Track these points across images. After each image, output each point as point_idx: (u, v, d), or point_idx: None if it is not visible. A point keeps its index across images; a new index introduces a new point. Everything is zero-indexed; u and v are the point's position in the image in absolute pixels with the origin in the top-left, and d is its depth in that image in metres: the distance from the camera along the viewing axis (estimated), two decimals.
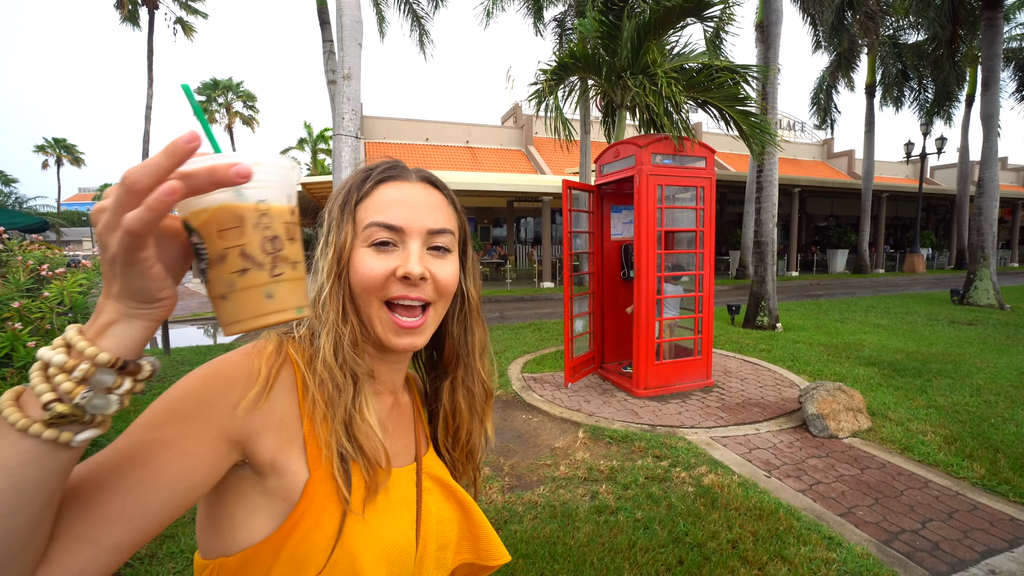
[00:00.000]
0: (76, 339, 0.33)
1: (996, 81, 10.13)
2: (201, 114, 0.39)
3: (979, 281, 9.91)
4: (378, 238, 0.55)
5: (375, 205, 0.56)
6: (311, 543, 0.47)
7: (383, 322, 0.55)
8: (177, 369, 5.35)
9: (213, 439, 0.44)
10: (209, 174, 0.32)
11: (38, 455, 0.31)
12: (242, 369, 0.48)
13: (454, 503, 0.63)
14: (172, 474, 0.41)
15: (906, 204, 24.23)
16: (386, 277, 0.54)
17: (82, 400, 0.32)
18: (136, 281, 0.33)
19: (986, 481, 2.92)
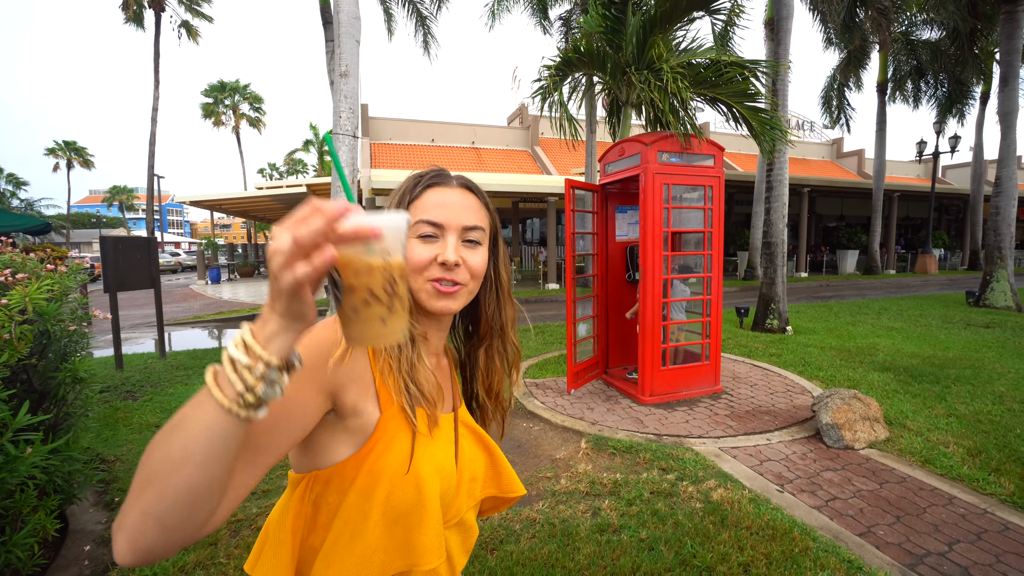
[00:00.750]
0: (253, 344, 0.43)
1: (1015, 77, 9.85)
2: (339, 166, 0.49)
3: (996, 283, 9.63)
4: (424, 232, 0.69)
5: (423, 206, 0.71)
6: (385, 460, 0.64)
7: (427, 292, 0.69)
8: (172, 373, 5.26)
9: (316, 391, 0.59)
10: (354, 235, 0.41)
11: (232, 424, 0.44)
12: (329, 338, 0.61)
13: (481, 446, 0.80)
14: (295, 418, 0.57)
15: (917, 204, 23.82)
16: (429, 262, 0.68)
17: (261, 391, 0.44)
18: (296, 306, 0.43)
19: (1016, 498, 2.73)
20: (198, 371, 5.36)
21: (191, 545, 2.22)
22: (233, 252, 22.88)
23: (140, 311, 11.09)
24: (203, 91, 32.77)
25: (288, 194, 16.50)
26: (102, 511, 2.62)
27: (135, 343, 7.49)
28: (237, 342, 0.44)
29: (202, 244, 18.83)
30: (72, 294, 2.42)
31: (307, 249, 0.39)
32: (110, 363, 5.49)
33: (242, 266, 20.29)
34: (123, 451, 3.33)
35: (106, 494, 2.78)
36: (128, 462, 3.16)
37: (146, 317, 10.17)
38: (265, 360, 0.43)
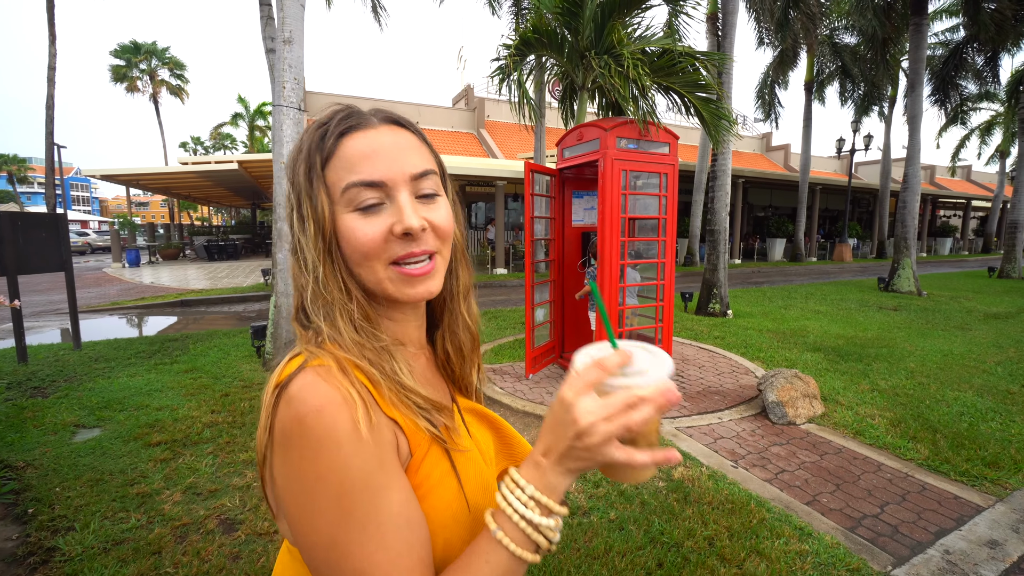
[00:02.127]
0: (553, 504, 0.45)
1: (921, 83, 10.86)
2: (604, 310, 0.49)
3: (902, 270, 10.71)
4: (363, 200, 0.51)
5: (345, 163, 0.52)
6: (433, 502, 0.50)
7: (393, 280, 0.53)
8: (90, 366, 4.72)
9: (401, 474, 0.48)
10: (660, 396, 0.43)
11: (520, 567, 0.45)
12: (336, 401, 0.45)
13: (487, 425, 0.67)
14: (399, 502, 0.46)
15: (836, 197, 25.95)
16: (384, 238, 0.51)
17: (557, 538, 0.45)
18: (587, 469, 0.45)
19: (930, 461, 3.06)
20: (121, 362, 4.85)
21: (130, 557, 2.00)
22: (154, 232, 20.92)
23: (43, 297, 9.89)
24: (113, 52, 29.33)
25: (218, 171, 15.24)
26: (12, 525, 2.30)
27: (39, 332, 6.67)
28: (527, 502, 0.45)
29: (116, 223, 17.03)
30: None
31: (634, 432, 0.43)
32: (10, 356, 4.84)
33: (165, 248, 18.60)
34: (34, 455, 2.94)
35: (16, 506, 2.44)
36: (42, 467, 2.79)
37: (51, 304, 9.09)
38: (560, 514, 0.45)
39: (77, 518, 2.32)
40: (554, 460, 0.44)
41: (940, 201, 28.86)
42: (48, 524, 2.28)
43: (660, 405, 0.42)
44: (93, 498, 2.48)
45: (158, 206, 61.96)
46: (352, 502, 0.43)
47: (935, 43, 18.38)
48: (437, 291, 0.56)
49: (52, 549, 2.11)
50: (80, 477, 2.68)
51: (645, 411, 0.42)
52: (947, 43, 17.62)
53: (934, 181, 33.03)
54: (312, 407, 0.43)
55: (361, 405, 0.45)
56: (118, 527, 2.25)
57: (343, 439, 0.43)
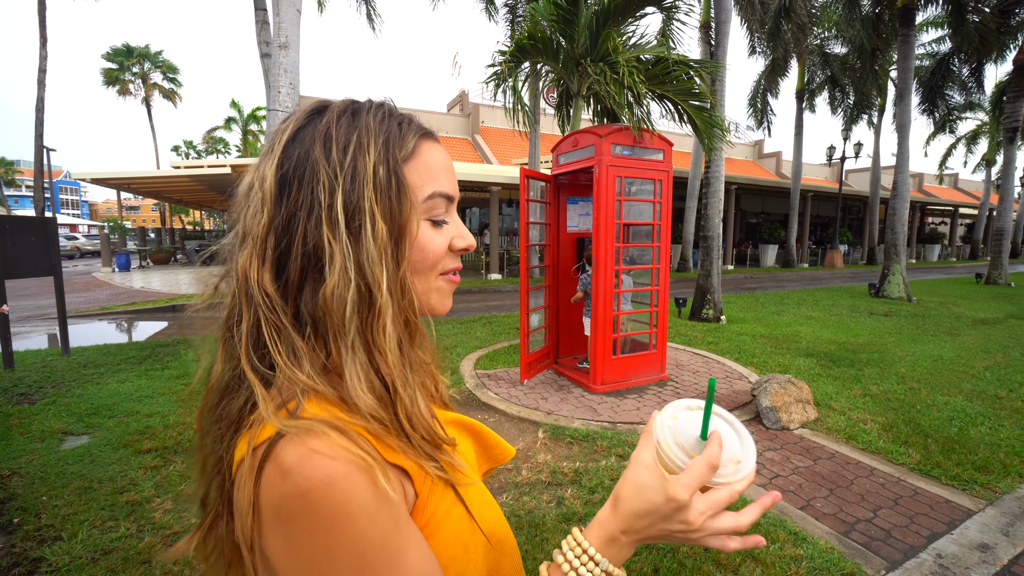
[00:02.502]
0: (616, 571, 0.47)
1: (909, 93, 11.04)
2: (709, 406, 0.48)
3: (892, 276, 10.84)
4: (439, 212, 0.50)
5: (427, 169, 0.49)
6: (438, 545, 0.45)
7: (439, 289, 0.52)
8: (79, 372, 4.66)
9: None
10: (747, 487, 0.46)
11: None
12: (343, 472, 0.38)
13: (465, 431, 0.64)
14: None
15: (826, 204, 26.25)
16: (445, 251, 0.51)
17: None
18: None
19: (922, 466, 3.08)
20: (111, 368, 4.79)
21: (119, 566, 1.97)
22: (145, 237, 20.72)
23: (31, 301, 9.76)
24: (105, 55, 29.16)
25: (210, 175, 15.15)
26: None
27: (25, 338, 6.56)
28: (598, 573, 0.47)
29: (106, 227, 16.85)
30: None
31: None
32: None
33: (156, 252, 18.42)
34: (20, 463, 2.89)
35: (2, 515, 2.39)
36: (28, 475, 2.74)
37: (38, 308, 8.96)
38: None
39: (64, 527, 2.27)
40: (635, 539, 0.47)
41: (928, 208, 29.29)
42: (34, 534, 2.24)
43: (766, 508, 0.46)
44: (81, 507, 2.44)
45: (149, 210, 61.43)
46: (371, 573, 0.39)
47: (923, 54, 18.75)
48: None
49: (38, 560, 2.07)
50: (68, 485, 2.64)
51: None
52: (934, 54, 17.98)
53: (922, 189, 33.54)
54: (318, 481, 0.37)
55: (378, 469, 0.39)
56: (107, 536, 2.21)
57: (357, 512, 0.38)
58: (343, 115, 0.47)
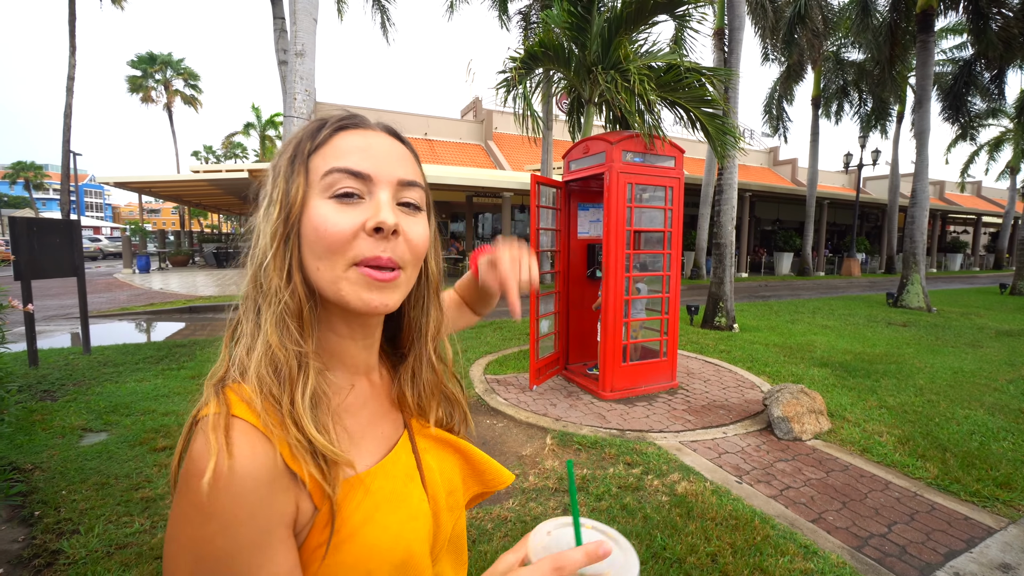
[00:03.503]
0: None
1: (928, 100, 10.85)
2: (575, 498, 0.45)
3: (911, 285, 10.62)
4: (342, 187, 0.48)
5: (334, 152, 0.49)
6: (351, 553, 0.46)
7: (352, 281, 0.48)
8: (99, 370, 4.77)
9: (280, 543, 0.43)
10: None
11: None
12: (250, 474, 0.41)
13: (450, 450, 0.63)
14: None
15: (843, 211, 25.85)
16: (354, 232, 0.47)
17: None
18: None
19: (939, 481, 3.01)
20: (129, 367, 4.90)
21: (133, 561, 2.01)
22: (164, 239, 21.19)
23: (55, 301, 10.03)
24: (130, 62, 30.01)
25: (228, 179, 15.46)
26: (19, 527, 2.32)
27: (50, 336, 6.75)
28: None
29: (128, 229, 17.29)
30: None
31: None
32: (22, 359, 4.90)
33: (174, 254, 18.83)
34: (42, 458, 2.97)
35: (23, 508, 2.46)
36: (49, 470, 2.82)
37: (62, 308, 9.21)
38: None
39: (82, 521, 2.33)
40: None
41: (950, 217, 28.68)
42: (54, 527, 2.30)
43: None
44: (98, 502, 2.50)
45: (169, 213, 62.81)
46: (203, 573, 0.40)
47: (943, 60, 18.43)
48: (394, 307, 0.51)
49: (57, 552, 2.13)
50: (86, 480, 2.71)
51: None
52: (956, 60, 17.65)
53: (943, 196, 32.85)
54: (197, 471, 0.40)
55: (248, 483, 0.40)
56: (122, 531, 2.26)
57: (220, 510, 0.39)
58: (303, 127, 0.53)
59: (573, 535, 0.44)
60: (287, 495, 0.43)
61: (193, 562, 0.40)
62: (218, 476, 0.40)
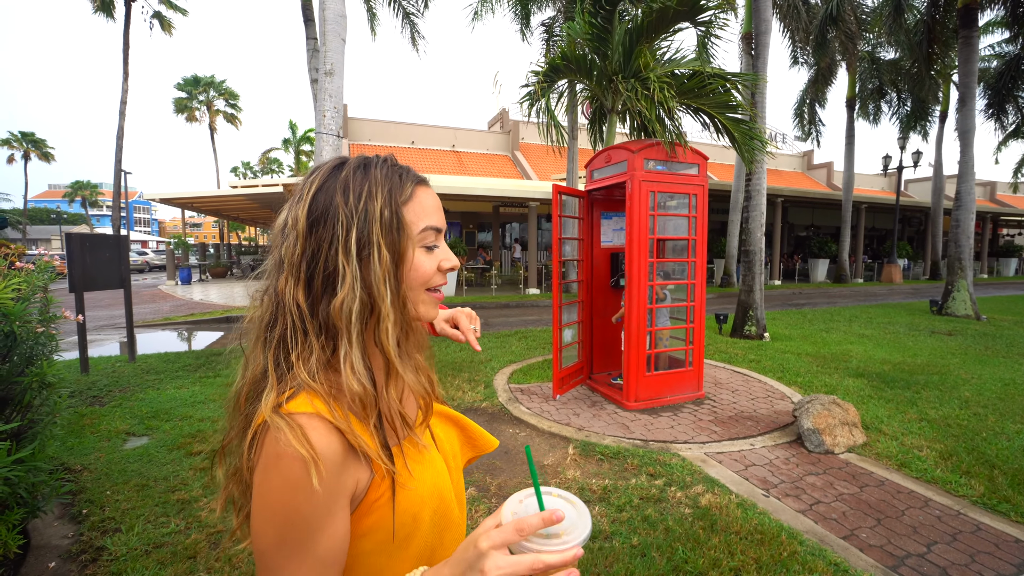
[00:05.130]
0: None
1: (972, 98, 10.36)
2: (535, 475, 0.53)
3: (957, 292, 10.08)
4: (430, 241, 0.64)
5: (421, 209, 0.64)
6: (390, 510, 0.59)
7: (426, 302, 0.65)
8: (142, 378, 5.04)
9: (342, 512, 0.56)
10: (563, 564, 0.46)
11: None
12: (306, 457, 0.52)
13: (450, 422, 0.78)
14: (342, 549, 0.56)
15: (883, 216, 24.82)
16: (435, 272, 0.65)
17: None
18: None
19: (986, 499, 2.84)
20: (170, 375, 5.15)
21: (168, 560, 2.12)
22: (205, 252, 22.18)
23: (105, 312, 10.62)
24: (176, 85, 31.79)
25: (264, 194, 16.11)
26: (68, 524, 2.48)
27: (100, 345, 7.16)
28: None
29: (171, 243, 18.20)
30: (38, 293, 2.28)
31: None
32: (75, 367, 5.22)
33: (214, 267, 19.67)
34: (90, 460, 3.15)
35: (72, 506, 2.63)
36: (96, 471, 3.00)
37: (111, 319, 9.74)
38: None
39: (124, 520, 2.47)
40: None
41: (1002, 219, 27.11)
42: (99, 525, 2.44)
43: (563, 572, 0.46)
44: (139, 502, 2.64)
45: (210, 227, 65.68)
46: (290, 533, 0.52)
47: (989, 55, 17.57)
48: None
49: (101, 548, 2.26)
50: (128, 482, 2.86)
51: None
52: (1002, 55, 16.81)
53: (994, 198, 31.09)
54: (290, 453, 0.51)
55: (321, 464, 0.52)
56: (159, 531, 2.38)
57: (304, 486, 0.51)
58: (358, 169, 0.62)
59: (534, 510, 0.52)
60: (350, 472, 0.56)
61: (281, 523, 0.52)
62: (307, 460, 0.51)
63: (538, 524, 0.47)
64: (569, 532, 0.49)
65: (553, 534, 0.49)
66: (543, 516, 0.47)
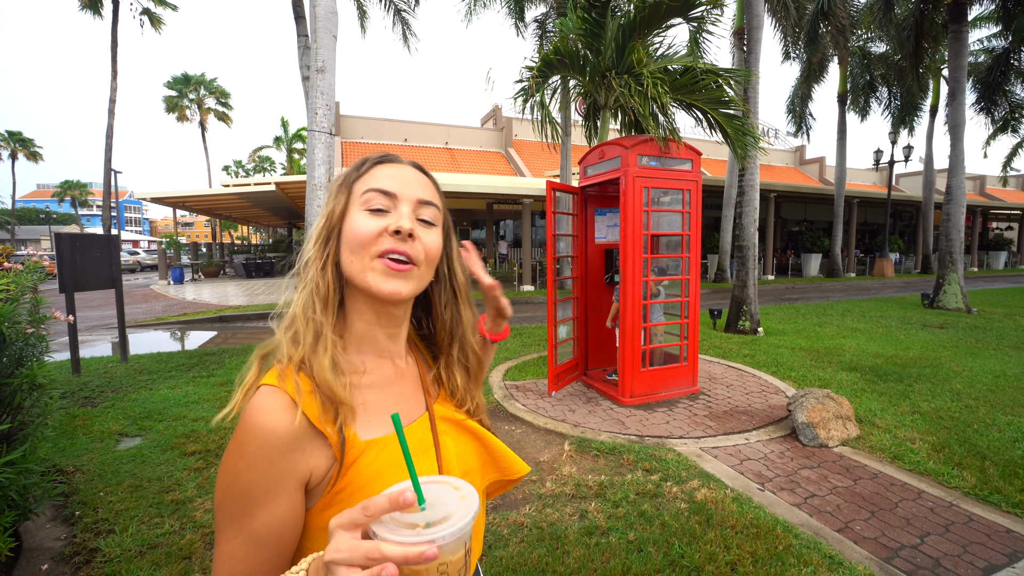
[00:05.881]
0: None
1: (962, 92, 10.44)
2: (409, 460, 0.48)
3: (948, 286, 10.18)
4: (374, 203, 0.63)
5: (371, 178, 0.65)
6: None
7: (374, 269, 0.61)
8: (134, 378, 4.99)
9: (290, 492, 0.56)
10: (404, 561, 0.40)
11: None
12: (259, 425, 0.54)
13: (468, 435, 0.72)
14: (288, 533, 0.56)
15: (874, 210, 25.00)
16: (379, 232, 0.61)
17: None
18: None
19: (977, 491, 2.87)
20: (163, 375, 5.11)
21: (163, 560, 2.10)
22: (197, 251, 22.01)
23: (96, 312, 10.52)
24: (166, 83, 31.39)
25: (256, 192, 15.99)
26: (61, 526, 2.45)
27: (91, 346, 7.08)
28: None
29: (163, 242, 18.03)
30: (28, 294, 2.25)
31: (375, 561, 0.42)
32: (66, 367, 5.16)
33: (206, 266, 19.52)
34: (83, 461, 3.12)
35: (65, 508, 2.60)
36: (88, 472, 2.97)
37: (103, 319, 9.65)
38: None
39: (117, 522, 2.45)
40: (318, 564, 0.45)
41: (992, 212, 27.38)
42: (92, 526, 2.42)
43: (404, 568, 0.41)
44: (132, 503, 2.62)
45: (202, 226, 65.20)
46: (231, 499, 0.54)
47: (978, 49, 17.70)
48: (406, 296, 0.63)
49: (94, 550, 2.24)
50: (122, 483, 2.84)
51: (385, 569, 0.39)
52: (991, 50, 16.94)
53: (984, 192, 31.39)
54: (244, 419, 0.55)
55: (272, 440, 0.54)
56: (153, 532, 2.37)
57: (246, 454, 0.54)
58: (350, 167, 0.69)
59: (437, 493, 0.48)
60: (304, 455, 0.55)
61: (224, 487, 0.54)
62: (252, 427, 0.54)
63: (385, 505, 0.42)
64: (439, 524, 0.43)
65: (414, 523, 0.43)
66: (390, 496, 0.42)
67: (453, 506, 0.46)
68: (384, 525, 0.43)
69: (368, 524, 0.42)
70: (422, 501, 0.46)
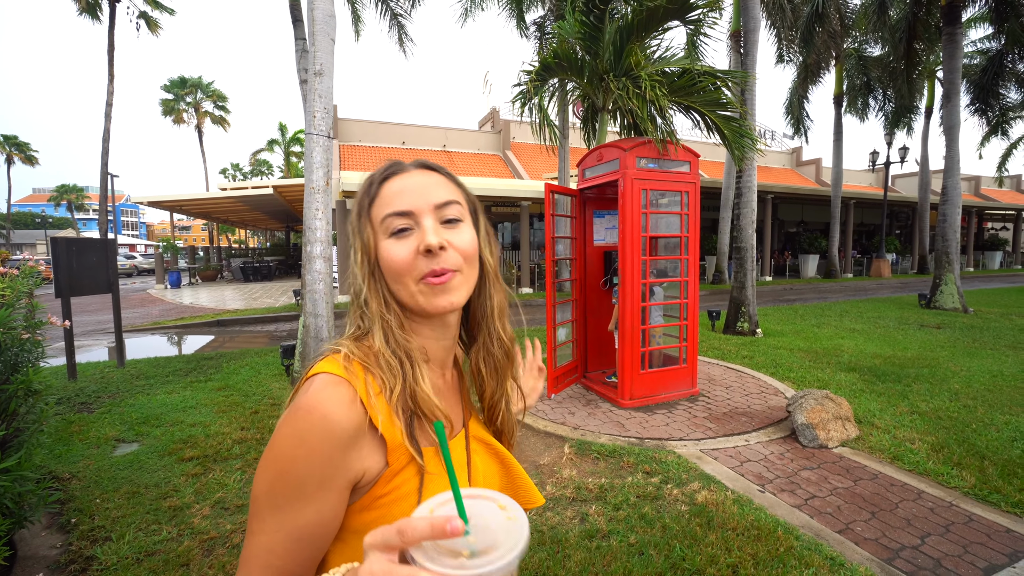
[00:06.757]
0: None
1: (957, 94, 10.50)
2: (453, 476, 0.45)
3: (945, 286, 10.21)
4: (395, 226, 0.62)
5: (384, 201, 0.64)
6: (399, 510, 0.55)
7: (422, 292, 0.61)
8: (132, 383, 4.96)
9: (338, 492, 0.55)
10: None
11: None
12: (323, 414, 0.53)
13: (495, 459, 0.71)
14: (328, 530, 0.55)
15: (871, 211, 25.09)
16: (413, 257, 0.61)
17: None
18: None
19: (977, 490, 2.88)
20: (160, 380, 5.08)
21: (160, 568, 2.08)
22: (194, 255, 21.94)
23: (92, 317, 10.47)
24: (163, 87, 31.37)
25: (254, 195, 15.96)
26: (56, 534, 2.43)
27: (88, 351, 7.05)
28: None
29: (160, 246, 17.97)
30: (23, 299, 2.24)
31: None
32: (62, 373, 5.14)
33: (204, 270, 19.47)
34: (79, 468, 3.10)
35: (61, 515, 2.58)
36: (85, 479, 2.94)
37: (99, 323, 9.60)
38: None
39: (114, 529, 2.43)
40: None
41: (987, 213, 27.52)
42: (88, 534, 2.40)
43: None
44: (129, 510, 2.60)
45: (199, 230, 65.04)
46: (281, 489, 0.51)
47: (972, 52, 17.82)
48: (459, 304, 0.63)
49: (91, 558, 2.22)
50: (118, 489, 2.81)
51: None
52: (985, 51, 17.04)
53: (979, 192, 31.55)
54: (306, 404, 0.53)
55: (336, 429, 0.52)
56: (151, 539, 2.35)
57: (307, 443, 0.52)
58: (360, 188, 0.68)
59: (477, 510, 0.44)
60: (360, 454, 0.55)
61: (274, 476, 0.52)
62: (321, 416, 0.52)
63: (426, 532, 0.38)
64: (485, 554, 0.39)
65: (457, 550, 0.39)
66: (432, 523, 0.38)
67: (500, 531, 0.42)
68: (423, 550, 0.39)
69: (404, 548, 0.39)
70: (466, 523, 0.42)
